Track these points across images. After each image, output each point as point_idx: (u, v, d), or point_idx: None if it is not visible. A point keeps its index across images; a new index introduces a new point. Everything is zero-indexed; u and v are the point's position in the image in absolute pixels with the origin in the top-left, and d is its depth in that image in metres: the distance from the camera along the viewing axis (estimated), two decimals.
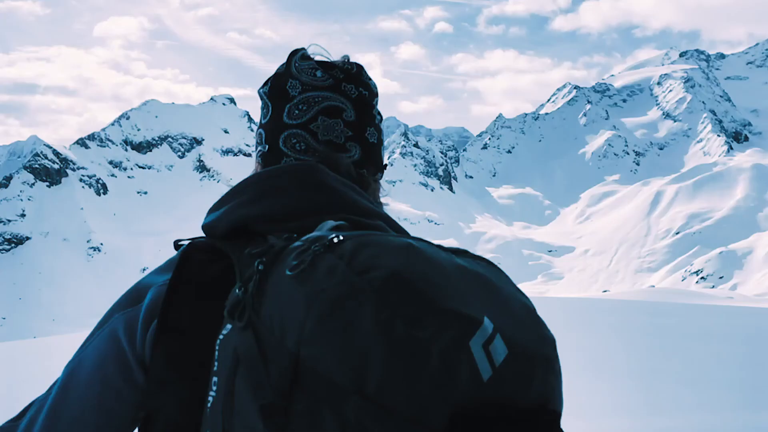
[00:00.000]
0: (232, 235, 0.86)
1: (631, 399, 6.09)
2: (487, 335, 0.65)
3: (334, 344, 0.64)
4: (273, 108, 1.02)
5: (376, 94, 1.06)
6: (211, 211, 0.91)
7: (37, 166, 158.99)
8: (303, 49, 1.05)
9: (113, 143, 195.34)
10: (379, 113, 1.07)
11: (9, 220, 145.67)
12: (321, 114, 0.99)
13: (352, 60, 1.05)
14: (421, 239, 0.76)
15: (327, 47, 1.02)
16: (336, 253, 0.69)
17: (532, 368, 0.68)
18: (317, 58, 1.04)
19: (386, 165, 1.10)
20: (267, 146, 1.03)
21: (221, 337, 0.74)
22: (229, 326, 0.73)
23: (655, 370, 7.39)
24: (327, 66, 1.02)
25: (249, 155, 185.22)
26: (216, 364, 0.74)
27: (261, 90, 1.06)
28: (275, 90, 1.03)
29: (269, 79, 1.05)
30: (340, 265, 0.68)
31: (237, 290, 0.73)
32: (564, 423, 5.10)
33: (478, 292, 0.70)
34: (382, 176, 1.09)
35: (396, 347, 0.63)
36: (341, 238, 0.71)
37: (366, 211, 0.88)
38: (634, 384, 6.72)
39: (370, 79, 1.06)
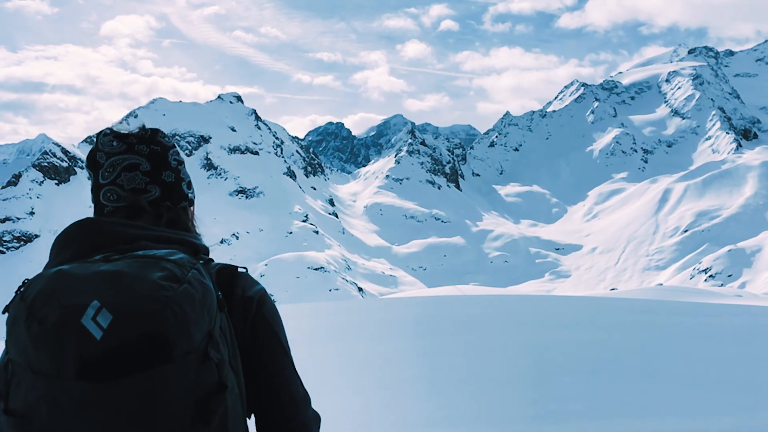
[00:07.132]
0: None
1: (638, 399, 6.08)
2: (94, 312, 1.13)
3: (15, 344, 1.17)
4: (92, 175, 1.48)
5: (170, 146, 1.53)
6: None
7: (45, 164, 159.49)
8: (107, 128, 1.50)
9: None
10: (176, 159, 1.53)
11: (18, 218, 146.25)
12: (123, 171, 1.45)
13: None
14: (85, 262, 1.24)
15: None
16: (20, 292, 1.20)
17: (136, 321, 1.13)
18: (123, 131, 1.49)
19: (188, 194, 1.56)
20: (94, 203, 1.48)
21: None
22: None
23: (662, 370, 7.36)
24: (123, 136, 1.48)
25: (256, 153, 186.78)
26: None
27: (84, 163, 1.47)
28: (90, 162, 1.48)
29: (87, 155, 1.51)
30: (17, 298, 1.20)
31: None
32: (569, 422, 5.08)
33: (103, 285, 1.16)
34: (189, 203, 1.57)
35: (34, 337, 1.14)
36: (27, 280, 1.23)
37: (131, 238, 1.33)
38: (641, 384, 6.70)
39: (165, 136, 1.53)
